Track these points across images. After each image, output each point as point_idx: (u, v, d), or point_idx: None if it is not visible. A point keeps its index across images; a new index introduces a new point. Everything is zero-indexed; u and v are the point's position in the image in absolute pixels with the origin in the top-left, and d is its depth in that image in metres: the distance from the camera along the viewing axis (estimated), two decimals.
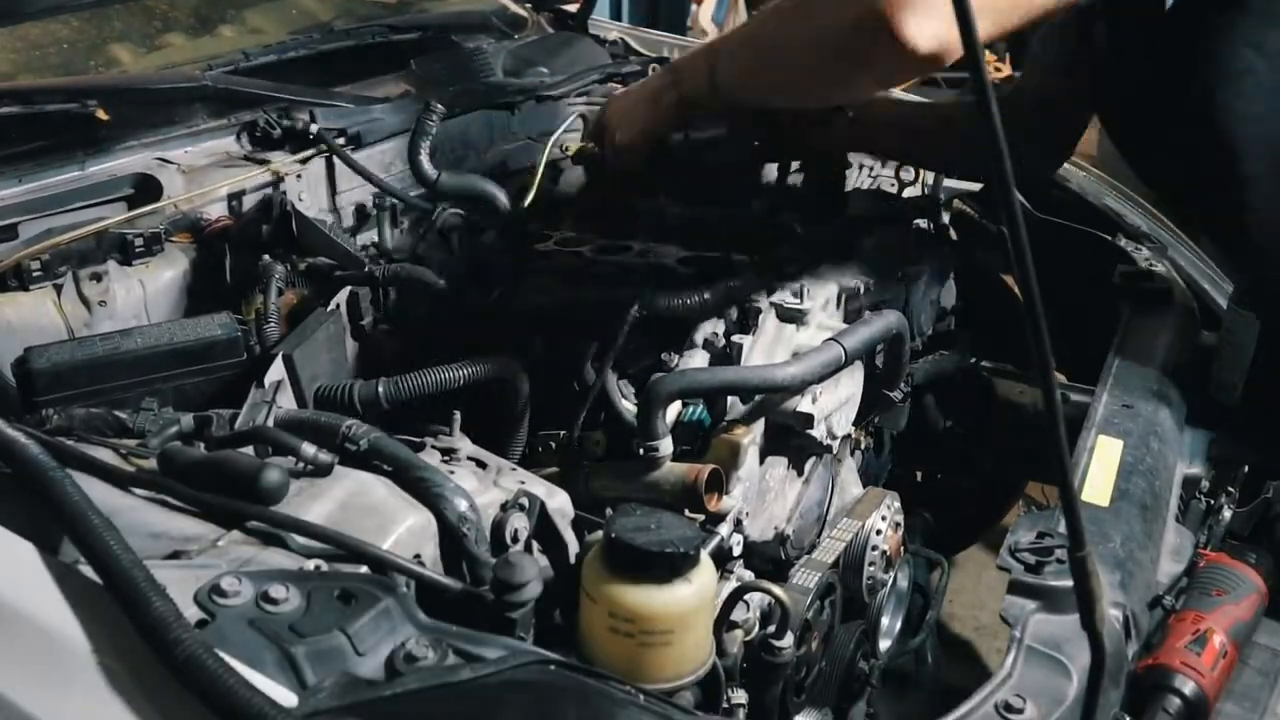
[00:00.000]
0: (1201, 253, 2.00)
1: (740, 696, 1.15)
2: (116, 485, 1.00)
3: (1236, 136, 1.34)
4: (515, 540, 1.13)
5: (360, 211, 1.71)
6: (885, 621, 1.50)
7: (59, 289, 1.38)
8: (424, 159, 1.47)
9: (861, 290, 1.52)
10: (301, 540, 0.97)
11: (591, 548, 1.09)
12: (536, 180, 1.67)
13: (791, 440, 1.40)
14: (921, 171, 1.97)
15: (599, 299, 1.40)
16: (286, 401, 1.26)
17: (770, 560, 1.37)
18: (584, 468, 1.35)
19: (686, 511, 1.25)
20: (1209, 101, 1.35)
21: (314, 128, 1.65)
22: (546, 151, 1.73)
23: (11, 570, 0.82)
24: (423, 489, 1.07)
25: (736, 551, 1.29)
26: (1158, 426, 1.43)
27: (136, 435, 1.15)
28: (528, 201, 1.62)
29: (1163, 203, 1.96)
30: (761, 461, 1.37)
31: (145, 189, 1.51)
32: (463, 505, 1.07)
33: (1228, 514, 1.50)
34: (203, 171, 1.57)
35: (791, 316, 1.40)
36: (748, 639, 1.18)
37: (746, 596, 1.17)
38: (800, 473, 1.46)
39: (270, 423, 1.18)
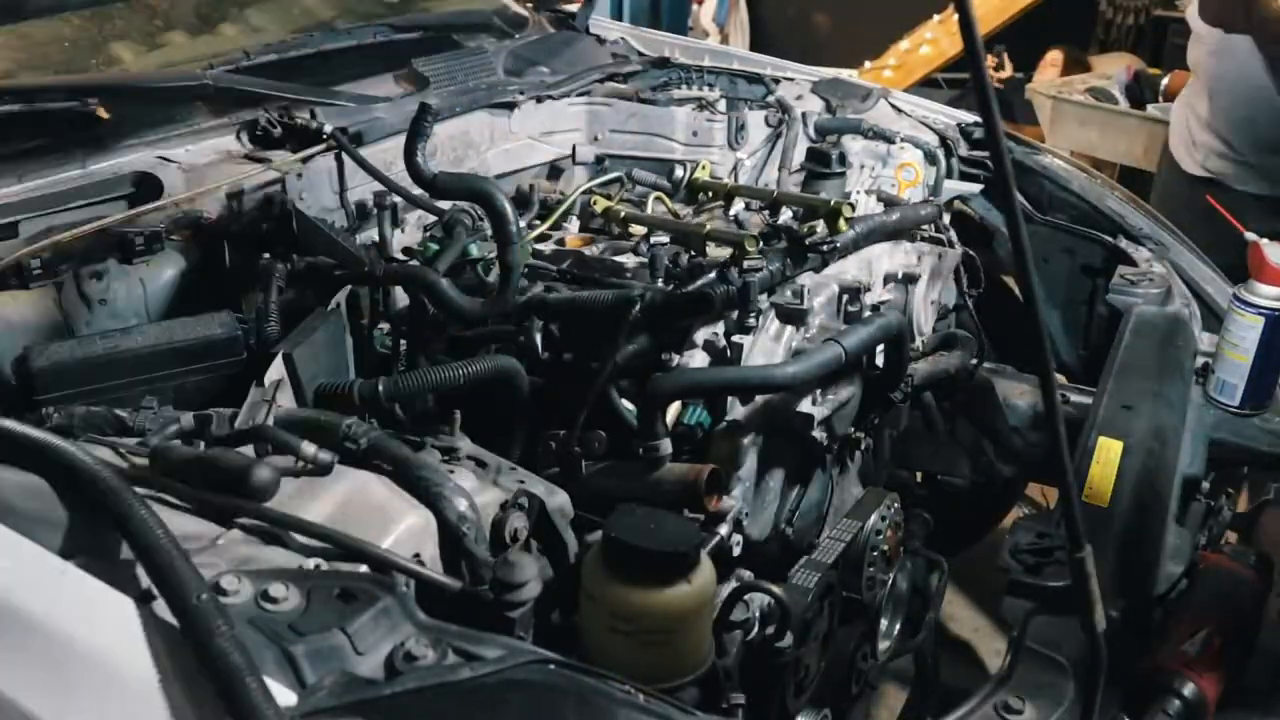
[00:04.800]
0: (1202, 254, 2.00)
1: (740, 696, 1.15)
2: None
3: None
4: (515, 540, 1.13)
5: (361, 210, 1.71)
6: (885, 622, 1.50)
7: (59, 287, 1.38)
8: (420, 159, 1.48)
9: (861, 290, 1.52)
10: (301, 539, 0.97)
11: (591, 548, 1.09)
12: (551, 219, 1.70)
13: (791, 441, 1.40)
14: (921, 171, 1.97)
15: (600, 298, 1.40)
16: (286, 400, 1.26)
17: (770, 560, 1.37)
18: (584, 468, 1.35)
19: (686, 511, 1.25)
20: None
21: (327, 127, 1.66)
22: (574, 196, 1.75)
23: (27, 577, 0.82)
24: (423, 488, 1.07)
25: (736, 551, 1.29)
26: (1158, 428, 1.43)
27: (136, 434, 1.15)
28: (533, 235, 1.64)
29: None
30: (761, 462, 1.37)
31: (146, 187, 1.51)
32: (462, 505, 1.07)
33: (1228, 515, 1.50)
34: (203, 170, 1.57)
35: (791, 316, 1.40)
36: (748, 639, 1.18)
37: (746, 596, 1.17)
38: (800, 473, 1.46)
39: (270, 421, 1.18)
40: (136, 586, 0.82)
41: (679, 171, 1.84)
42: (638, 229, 1.68)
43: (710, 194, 1.79)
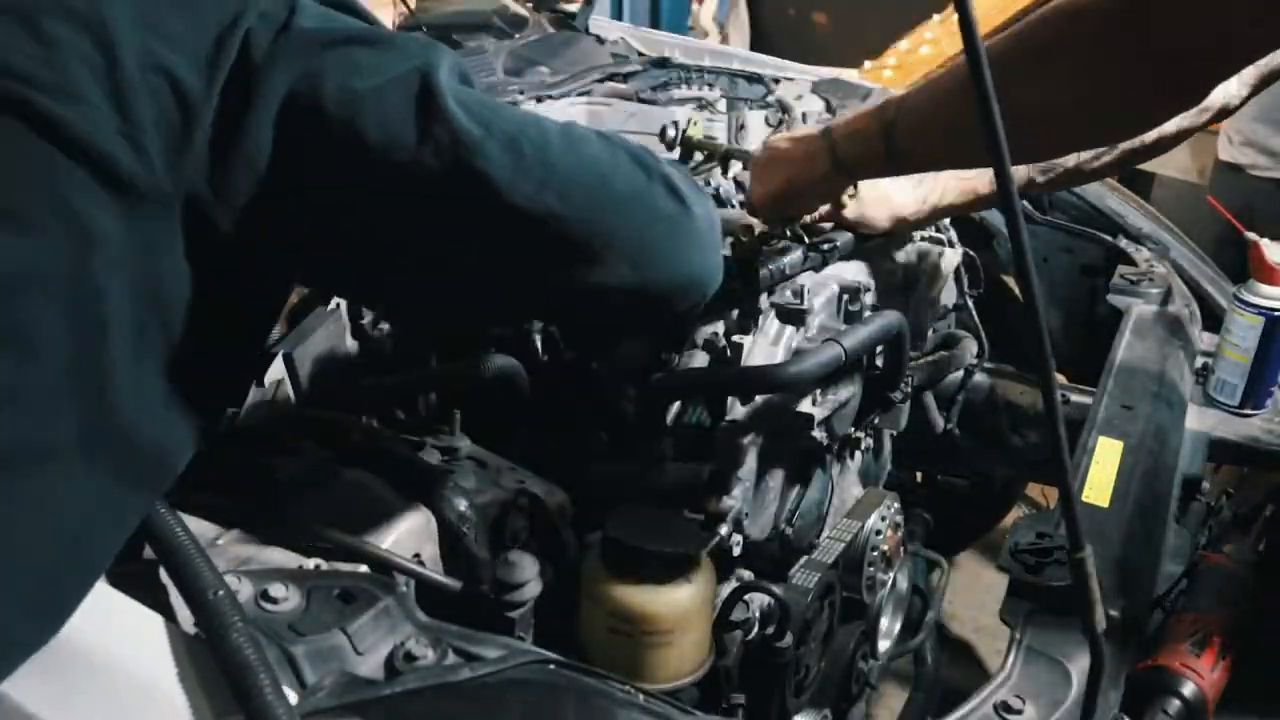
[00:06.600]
0: (1202, 254, 2.00)
1: (740, 696, 1.15)
2: None
3: None
4: (515, 540, 1.13)
5: None
6: (885, 622, 1.50)
7: None
8: None
9: (861, 290, 1.52)
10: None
11: (591, 548, 1.09)
12: None
13: (792, 441, 1.40)
14: None
15: None
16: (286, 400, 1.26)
17: (770, 560, 1.37)
18: (584, 467, 1.35)
19: (686, 511, 1.25)
20: None
21: None
22: None
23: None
24: (423, 488, 1.07)
25: (736, 551, 1.29)
26: (1158, 428, 1.43)
27: None
28: None
29: None
30: (761, 462, 1.37)
31: None
32: (462, 505, 1.07)
33: (1228, 515, 1.50)
34: None
35: (791, 316, 1.40)
36: (748, 639, 1.19)
37: (746, 596, 1.17)
38: (800, 473, 1.46)
39: (270, 422, 1.18)
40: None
41: (670, 132, 1.81)
42: None
43: (705, 154, 1.76)
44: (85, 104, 0.72)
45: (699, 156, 1.71)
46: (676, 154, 1.75)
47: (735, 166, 1.71)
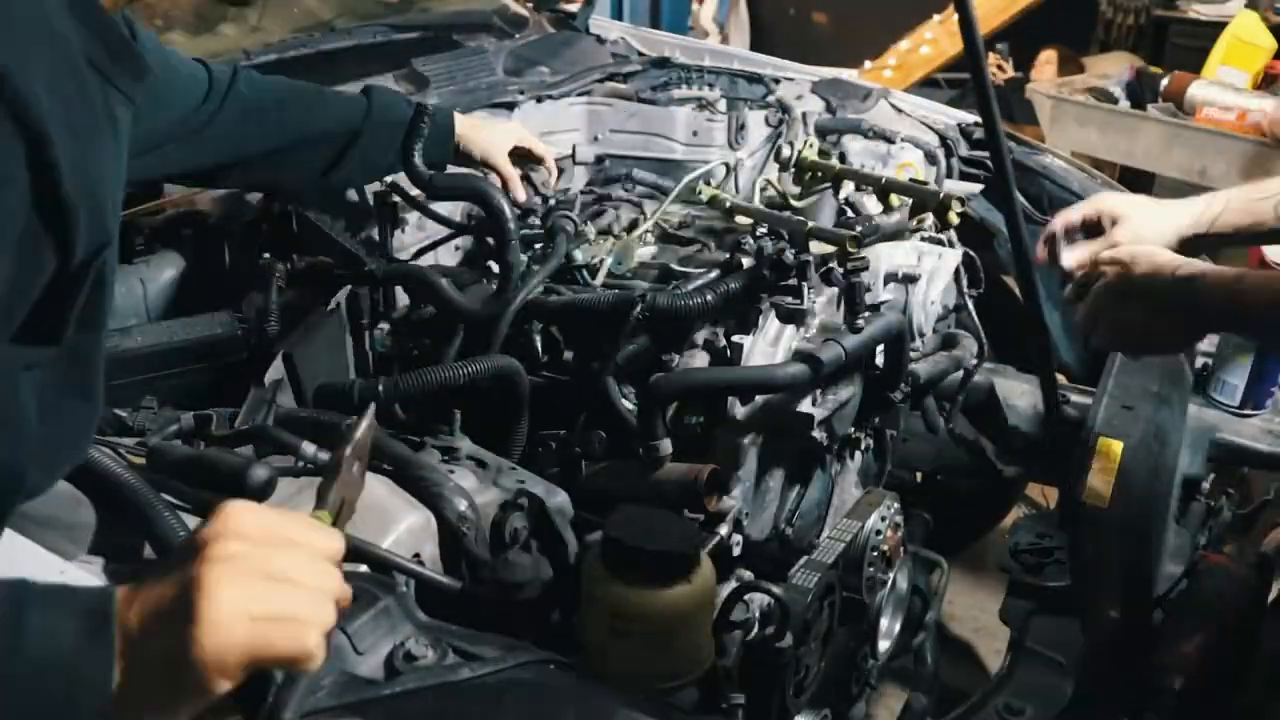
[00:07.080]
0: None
1: (740, 696, 1.15)
2: None
3: None
4: (515, 540, 1.13)
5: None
6: (885, 622, 1.50)
7: None
8: (418, 159, 1.48)
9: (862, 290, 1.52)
10: None
11: (591, 548, 1.09)
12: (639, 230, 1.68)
13: (792, 441, 1.40)
14: (921, 171, 1.97)
15: (602, 300, 1.40)
16: (286, 400, 1.26)
17: (770, 560, 1.37)
18: (584, 468, 1.35)
19: (686, 511, 1.25)
20: None
21: None
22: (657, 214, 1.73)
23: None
24: (423, 488, 1.08)
25: (736, 551, 1.29)
26: (1158, 428, 1.43)
27: (136, 433, 1.15)
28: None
29: None
30: (761, 462, 1.37)
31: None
32: (462, 505, 1.07)
33: (1228, 515, 1.50)
34: None
35: (791, 316, 1.40)
36: (748, 639, 1.18)
37: (746, 596, 1.17)
38: (800, 473, 1.46)
39: (270, 421, 1.18)
40: None
41: (786, 151, 1.81)
42: (743, 220, 1.67)
43: (818, 174, 1.76)
44: None
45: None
46: (792, 174, 1.80)
47: (848, 187, 1.72)
